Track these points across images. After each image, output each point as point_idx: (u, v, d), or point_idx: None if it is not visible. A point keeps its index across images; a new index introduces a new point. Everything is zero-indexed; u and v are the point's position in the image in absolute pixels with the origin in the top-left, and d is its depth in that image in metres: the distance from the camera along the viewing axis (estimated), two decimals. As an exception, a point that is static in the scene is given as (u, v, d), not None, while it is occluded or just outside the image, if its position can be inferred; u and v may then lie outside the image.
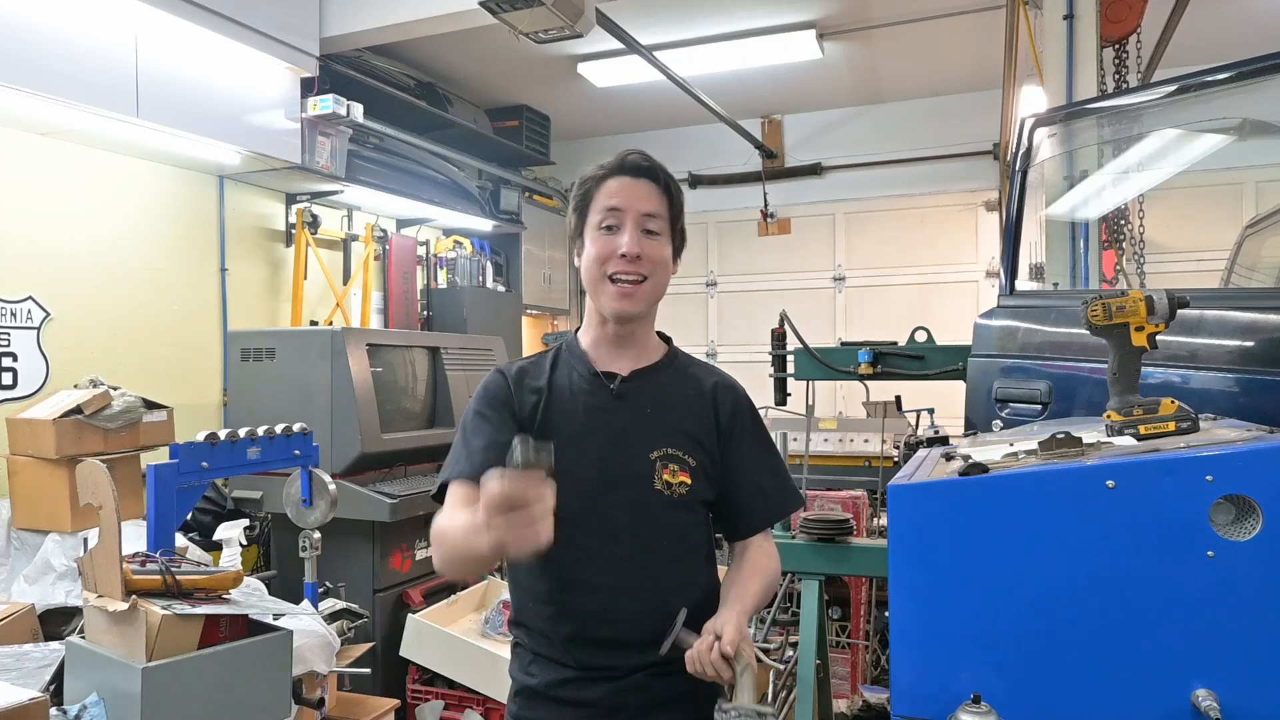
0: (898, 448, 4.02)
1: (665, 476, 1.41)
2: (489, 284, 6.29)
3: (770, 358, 3.40)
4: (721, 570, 1.52)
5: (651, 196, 1.45)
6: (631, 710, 1.40)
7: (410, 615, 3.26)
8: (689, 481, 1.42)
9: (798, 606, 2.46)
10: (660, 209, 1.45)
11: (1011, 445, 1.47)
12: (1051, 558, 1.17)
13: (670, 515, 1.42)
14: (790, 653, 2.88)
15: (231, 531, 3.42)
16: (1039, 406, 2.22)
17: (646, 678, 1.40)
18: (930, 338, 3.14)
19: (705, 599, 1.46)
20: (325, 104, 4.27)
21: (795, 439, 4.05)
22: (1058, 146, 2.90)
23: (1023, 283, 3.05)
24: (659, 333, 1.57)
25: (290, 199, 4.94)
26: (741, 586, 1.43)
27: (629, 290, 1.42)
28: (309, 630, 2.41)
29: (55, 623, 2.76)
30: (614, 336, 1.48)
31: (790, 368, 3.35)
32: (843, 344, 3.38)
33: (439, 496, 1.43)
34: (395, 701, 2.95)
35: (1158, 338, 1.40)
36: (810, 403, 3.57)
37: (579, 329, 1.55)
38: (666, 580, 1.41)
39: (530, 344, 7.05)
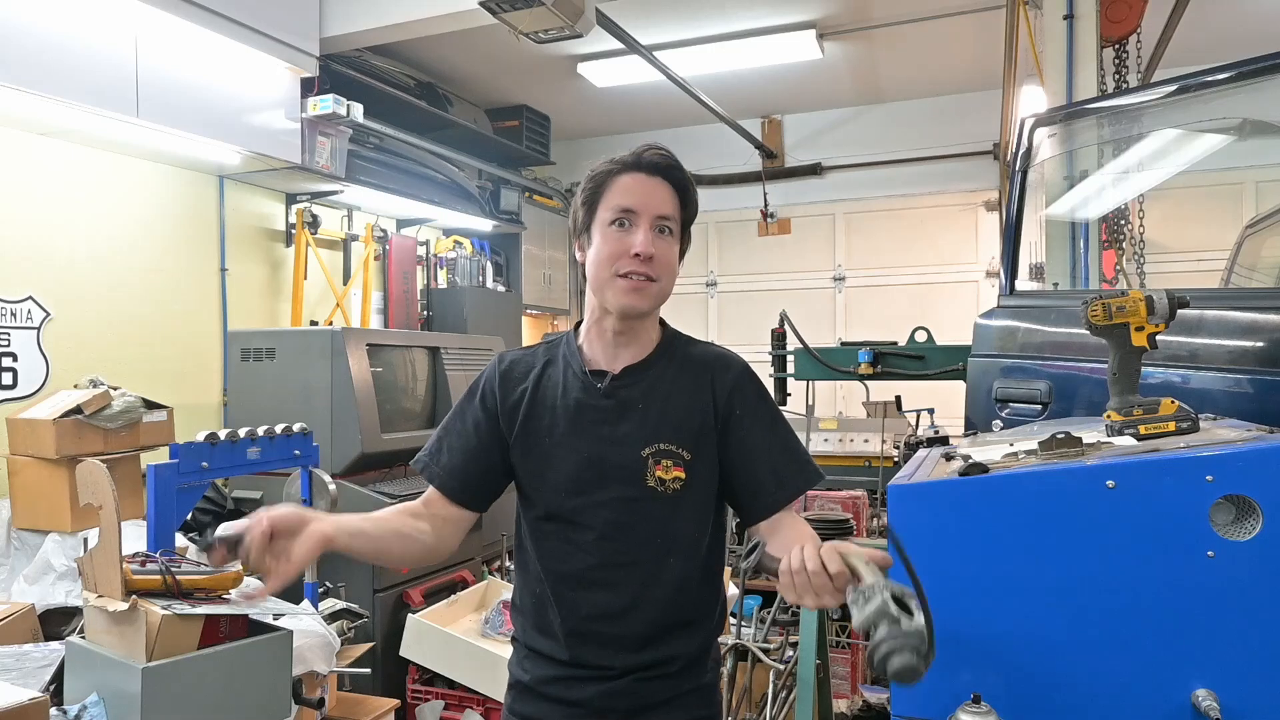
0: (898, 448, 4.02)
1: (658, 473, 1.38)
2: (489, 284, 6.29)
3: (770, 358, 3.41)
4: (726, 572, 1.50)
5: (668, 199, 1.38)
6: (619, 713, 1.39)
7: (410, 615, 3.26)
8: (683, 476, 1.38)
9: (798, 607, 2.45)
10: (675, 212, 1.40)
11: (1011, 445, 1.47)
12: (1051, 558, 1.17)
13: (665, 512, 1.39)
14: (790, 653, 2.87)
15: (231, 531, 3.41)
16: (1039, 406, 2.22)
17: (635, 681, 1.38)
18: (930, 338, 3.14)
19: (709, 598, 1.45)
20: (325, 104, 4.27)
21: (795, 439, 4.05)
22: (1058, 146, 2.90)
23: (1023, 283, 3.04)
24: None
25: (290, 199, 4.94)
26: (798, 531, 1.38)
27: (641, 285, 1.36)
28: (309, 630, 2.41)
29: (55, 623, 2.76)
30: (613, 334, 1.43)
31: (790, 368, 3.36)
32: (843, 344, 3.39)
33: (420, 469, 1.51)
34: (395, 701, 2.95)
35: (1158, 338, 1.40)
36: (810, 403, 3.58)
37: (580, 323, 1.51)
38: (663, 578, 1.39)
39: (530, 344, 7.03)
